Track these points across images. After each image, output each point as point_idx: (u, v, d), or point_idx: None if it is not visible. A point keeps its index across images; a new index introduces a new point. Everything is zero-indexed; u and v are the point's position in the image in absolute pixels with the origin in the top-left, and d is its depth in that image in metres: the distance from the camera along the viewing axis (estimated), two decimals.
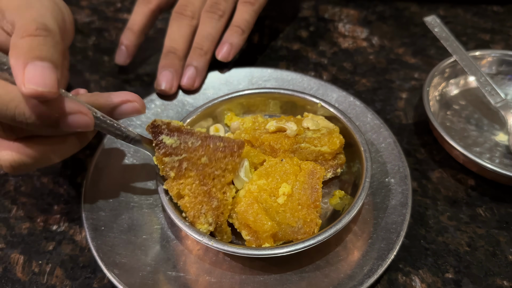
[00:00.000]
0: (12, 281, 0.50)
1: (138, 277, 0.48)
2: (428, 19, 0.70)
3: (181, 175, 0.48)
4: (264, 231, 0.46)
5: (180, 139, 0.48)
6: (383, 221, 0.51)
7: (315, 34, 0.81)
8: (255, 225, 0.46)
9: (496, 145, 0.61)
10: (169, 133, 0.48)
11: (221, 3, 0.67)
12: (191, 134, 0.48)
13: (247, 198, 0.48)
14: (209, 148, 0.48)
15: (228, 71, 0.67)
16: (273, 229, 0.46)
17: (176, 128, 0.49)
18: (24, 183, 0.59)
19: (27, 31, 0.41)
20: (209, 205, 0.47)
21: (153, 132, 0.48)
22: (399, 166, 0.56)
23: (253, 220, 0.46)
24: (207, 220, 0.47)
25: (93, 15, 0.86)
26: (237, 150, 0.48)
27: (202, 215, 0.47)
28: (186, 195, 0.48)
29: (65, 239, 0.54)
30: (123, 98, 0.48)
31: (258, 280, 0.48)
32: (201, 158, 0.48)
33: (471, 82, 0.68)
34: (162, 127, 0.48)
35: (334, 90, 0.64)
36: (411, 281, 0.50)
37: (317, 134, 0.54)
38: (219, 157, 0.48)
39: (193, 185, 0.48)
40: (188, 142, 0.48)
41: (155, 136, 0.48)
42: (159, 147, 0.47)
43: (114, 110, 0.48)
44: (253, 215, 0.46)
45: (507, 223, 0.55)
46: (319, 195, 0.49)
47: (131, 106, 0.48)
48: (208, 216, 0.47)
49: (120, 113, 0.48)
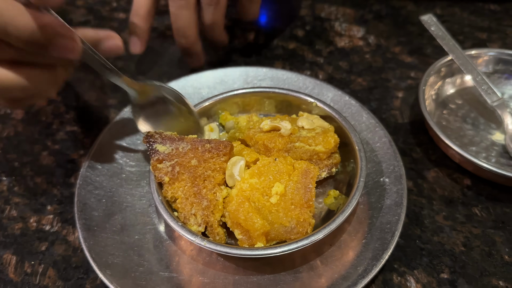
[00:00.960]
0: (4, 282, 0.50)
1: (131, 277, 0.47)
2: (425, 18, 0.69)
3: (174, 179, 0.49)
4: (255, 230, 0.45)
5: (172, 146, 0.50)
6: (377, 221, 0.51)
7: (311, 33, 0.81)
8: (246, 223, 0.46)
9: (493, 144, 0.61)
10: (162, 142, 0.51)
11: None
12: (182, 140, 0.51)
13: (238, 197, 0.47)
14: (198, 151, 0.50)
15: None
16: (264, 228, 0.46)
17: (168, 136, 0.51)
18: (17, 183, 0.59)
19: None
20: (199, 206, 0.48)
21: (148, 142, 0.50)
22: (394, 165, 0.55)
23: (244, 219, 0.46)
24: (197, 221, 0.48)
25: (89, 14, 0.85)
26: (223, 149, 0.50)
27: (192, 216, 0.48)
28: (179, 197, 0.48)
29: (58, 239, 0.53)
30: (108, 34, 0.51)
31: (252, 280, 0.48)
32: (191, 160, 0.49)
33: (467, 81, 0.68)
34: (156, 136, 0.51)
35: (330, 89, 0.64)
36: (406, 282, 0.49)
37: (311, 133, 0.54)
38: (207, 157, 0.49)
39: (185, 187, 0.49)
40: (179, 148, 0.50)
41: (150, 145, 0.50)
42: (153, 155, 0.50)
43: (99, 44, 0.50)
44: (243, 214, 0.46)
45: (503, 222, 0.54)
46: (312, 195, 0.48)
47: (114, 43, 0.52)
48: (198, 216, 0.48)
49: (104, 47, 0.51)
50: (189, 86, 0.66)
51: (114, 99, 0.69)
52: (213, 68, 0.68)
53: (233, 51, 0.77)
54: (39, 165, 0.61)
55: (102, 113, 0.67)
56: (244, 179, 0.49)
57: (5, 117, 0.67)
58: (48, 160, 0.61)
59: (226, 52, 0.77)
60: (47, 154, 0.62)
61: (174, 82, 0.66)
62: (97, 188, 0.55)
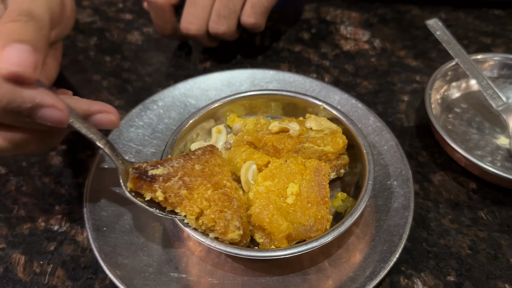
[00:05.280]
0: (13, 282, 0.50)
1: (140, 278, 0.48)
2: (430, 22, 0.70)
3: (192, 189, 0.45)
4: (280, 232, 0.46)
5: (167, 165, 0.47)
6: (385, 223, 0.51)
7: (317, 36, 0.81)
8: (271, 226, 0.46)
9: (498, 149, 0.61)
10: (153, 167, 0.47)
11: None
12: (171, 160, 0.48)
13: (261, 199, 0.47)
14: (192, 159, 0.48)
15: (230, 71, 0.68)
16: (288, 230, 0.46)
17: (154, 162, 0.48)
18: (26, 183, 0.59)
19: (9, 17, 0.41)
20: (231, 208, 0.45)
21: (139, 173, 0.46)
22: (401, 168, 0.56)
23: (269, 222, 0.46)
24: (235, 225, 0.45)
25: (95, 15, 0.86)
26: (212, 149, 0.50)
27: (230, 222, 0.45)
28: (206, 207, 0.45)
29: (66, 239, 0.54)
30: (102, 108, 0.48)
31: (260, 282, 0.48)
32: (195, 166, 0.47)
33: (472, 86, 0.68)
34: (143, 166, 0.47)
35: (336, 92, 0.64)
36: (413, 284, 0.50)
37: (320, 134, 0.54)
38: (206, 159, 0.48)
39: (208, 191, 0.46)
40: (174, 165, 0.47)
41: (142, 175, 0.46)
42: (154, 180, 0.45)
43: (90, 116, 0.47)
44: (268, 216, 0.46)
45: (508, 226, 0.55)
46: (327, 191, 0.49)
47: (107, 117, 0.48)
48: (234, 220, 0.45)
49: (95, 121, 0.47)
50: (197, 88, 0.66)
51: (121, 100, 0.70)
52: (220, 70, 0.68)
53: (239, 53, 0.77)
54: (47, 165, 0.61)
55: None
56: (258, 182, 0.49)
57: None
58: (56, 160, 0.61)
59: (232, 55, 0.77)
60: (55, 154, 0.62)
61: (182, 83, 0.66)
62: (106, 188, 0.55)
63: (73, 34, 0.81)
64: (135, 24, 0.84)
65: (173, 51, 0.78)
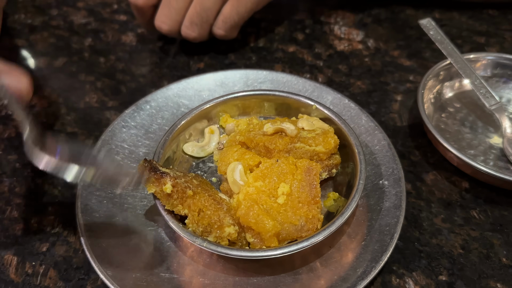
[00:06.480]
0: (5, 283, 0.50)
1: (132, 278, 0.48)
2: (424, 22, 0.70)
3: (196, 192, 0.48)
4: (266, 231, 0.46)
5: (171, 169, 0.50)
6: (377, 223, 0.51)
7: (311, 36, 0.81)
8: (257, 226, 0.46)
9: (491, 148, 0.61)
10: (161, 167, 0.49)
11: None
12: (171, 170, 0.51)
13: (246, 201, 0.48)
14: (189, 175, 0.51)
15: None
16: (275, 229, 0.46)
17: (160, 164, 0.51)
18: (19, 184, 0.59)
19: None
20: (222, 210, 0.47)
21: (151, 167, 0.48)
22: (393, 168, 0.56)
23: (255, 222, 0.46)
24: (228, 221, 0.47)
25: (90, 16, 0.86)
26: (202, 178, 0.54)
27: (224, 219, 0.47)
28: (204, 207, 0.47)
29: (58, 240, 0.54)
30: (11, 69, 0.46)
31: (252, 282, 0.48)
32: (193, 180, 0.50)
33: (465, 85, 0.68)
34: (153, 162, 0.49)
35: (329, 92, 0.64)
36: (405, 284, 0.50)
37: (311, 134, 0.54)
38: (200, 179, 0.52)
39: (205, 197, 0.48)
40: (177, 173, 0.50)
41: (155, 169, 0.48)
42: (166, 175, 0.47)
43: None
44: (254, 217, 0.46)
45: (501, 225, 0.55)
46: (318, 191, 0.49)
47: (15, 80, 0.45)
48: (227, 218, 0.47)
49: None
50: (190, 88, 0.66)
51: (114, 101, 0.70)
52: (213, 70, 0.68)
53: (233, 54, 0.78)
54: None
55: (102, 114, 0.68)
56: (249, 183, 0.49)
57: (6, 118, 0.67)
58: None
59: (226, 55, 0.77)
60: None
61: (175, 84, 0.66)
62: (98, 189, 0.55)
63: (68, 35, 0.82)
64: (129, 25, 0.84)
65: (167, 52, 0.78)
